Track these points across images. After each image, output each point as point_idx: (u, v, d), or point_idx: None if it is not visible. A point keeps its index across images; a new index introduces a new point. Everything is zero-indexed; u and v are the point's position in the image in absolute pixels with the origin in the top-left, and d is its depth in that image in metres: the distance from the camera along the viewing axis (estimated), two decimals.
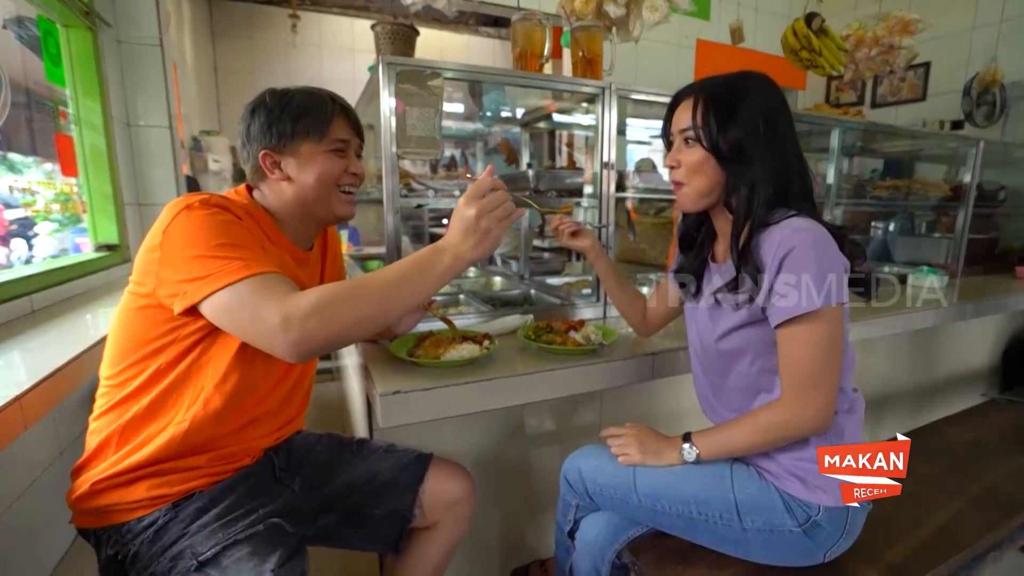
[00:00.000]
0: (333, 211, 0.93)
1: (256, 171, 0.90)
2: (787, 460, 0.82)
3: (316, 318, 0.68)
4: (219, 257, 0.72)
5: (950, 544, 0.94)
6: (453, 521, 1.05)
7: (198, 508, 0.82)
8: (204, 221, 0.75)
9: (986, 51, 3.02)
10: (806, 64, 1.83)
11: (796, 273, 0.75)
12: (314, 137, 0.88)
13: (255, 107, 0.89)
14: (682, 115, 0.87)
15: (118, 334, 0.83)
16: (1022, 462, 1.24)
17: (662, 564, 0.89)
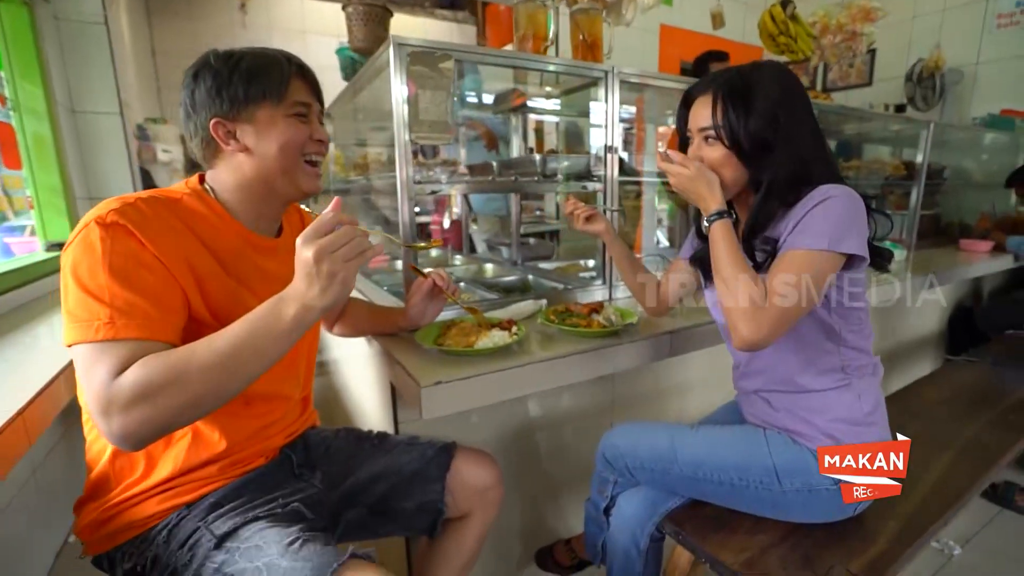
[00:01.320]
0: (299, 185, 0.82)
1: (207, 146, 0.79)
2: (821, 421, 0.88)
3: (140, 408, 0.60)
4: (90, 302, 0.63)
5: (948, 493, 1.03)
6: (483, 509, 1.05)
7: (212, 503, 0.79)
8: (93, 248, 0.65)
9: (926, 39, 3.24)
10: (782, 49, 1.91)
11: (822, 215, 0.79)
12: (271, 100, 0.77)
13: (198, 71, 0.77)
14: (700, 112, 0.88)
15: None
16: (992, 415, 1.38)
17: (703, 531, 0.93)
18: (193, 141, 0.80)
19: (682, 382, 1.57)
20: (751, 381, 0.99)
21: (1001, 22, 3.10)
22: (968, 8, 3.16)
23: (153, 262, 0.68)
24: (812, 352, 0.90)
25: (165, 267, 0.69)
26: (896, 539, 0.90)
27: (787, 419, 0.92)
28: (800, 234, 0.80)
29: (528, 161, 1.38)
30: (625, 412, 1.49)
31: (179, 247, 0.72)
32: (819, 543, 0.89)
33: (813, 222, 0.79)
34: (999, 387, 1.57)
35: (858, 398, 0.88)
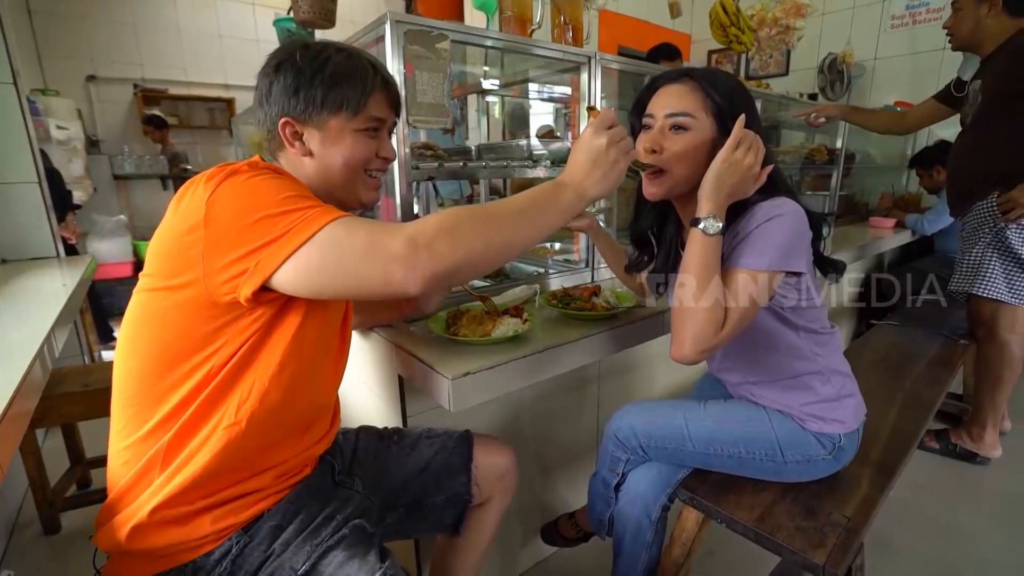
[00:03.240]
0: (358, 197, 0.81)
1: (272, 138, 0.77)
2: (803, 408, 0.96)
3: (445, 239, 0.60)
4: (292, 210, 0.61)
5: (903, 440, 1.19)
6: (502, 493, 1.07)
7: (273, 527, 0.75)
8: (260, 183, 0.64)
9: (834, 35, 3.57)
10: (731, 39, 2.02)
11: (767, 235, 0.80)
12: (347, 112, 0.74)
13: (281, 63, 0.74)
14: (672, 99, 0.85)
15: (145, 344, 0.69)
16: (919, 370, 1.59)
17: (715, 495, 1.01)
18: (261, 129, 0.78)
19: (657, 355, 1.66)
20: (729, 375, 1.06)
21: (894, 22, 3.48)
22: (870, 8, 3.51)
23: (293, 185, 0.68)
24: (782, 344, 0.95)
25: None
26: (874, 484, 1.03)
27: (770, 405, 1.00)
28: (746, 253, 0.80)
29: (516, 147, 1.37)
30: (612, 388, 1.55)
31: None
32: (815, 496, 1.00)
33: (759, 241, 0.80)
34: (918, 346, 1.82)
35: (828, 380, 0.96)
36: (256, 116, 0.78)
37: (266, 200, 0.62)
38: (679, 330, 0.81)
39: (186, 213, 0.64)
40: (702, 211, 0.80)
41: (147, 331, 0.69)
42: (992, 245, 1.73)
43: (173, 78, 4.41)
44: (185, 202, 0.65)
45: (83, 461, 1.79)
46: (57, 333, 1.24)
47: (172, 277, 0.65)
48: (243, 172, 0.65)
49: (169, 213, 0.68)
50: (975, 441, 1.91)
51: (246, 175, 0.65)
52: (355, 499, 0.86)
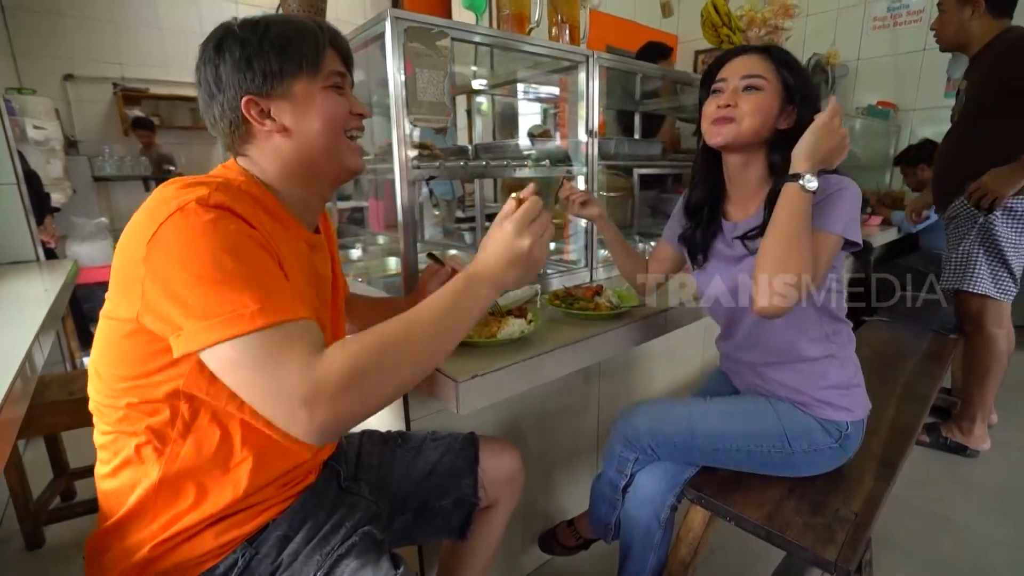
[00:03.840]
0: (344, 163, 0.75)
1: (236, 129, 0.69)
2: (814, 389, 0.97)
3: (350, 393, 0.55)
4: (227, 289, 0.54)
5: (903, 433, 1.20)
6: (509, 496, 1.05)
7: (280, 537, 0.72)
8: (205, 231, 0.56)
9: (819, 36, 3.62)
10: (722, 39, 2.03)
11: (839, 203, 0.87)
12: (308, 72, 0.69)
13: (221, 42, 0.67)
14: (745, 64, 0.92)
15: (109, 366, 0.64)
16: (913, 364, 1.62)
17: (723, 494, 1.00)
18: (218, 126, 0.70)
19: (656, 354, 1.66)
20: (746, 353, 1.06)
21: (876, 24, 3.55)
22: (852, 10, 3.58)
23: (260, 246, 0.60)
24: (802, 322, 0.98)
25: (271, 248, 0.62)
26: (878, 478, 1.03)
27: (779, 391, 1.01)
28: (826, 216, 0.87)
29: (514, 146, 1.35)
30: (611, 388, 1.55)
31: (273, 240, 0.63)
32: (821, 491, 1.00)
33: (832, 208, 0.87)
34: (909, 341, 1.84)
35: (842, 365, 0.99)
36: (209, 115, 0.70)
37: (207, 263, 0.55)
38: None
39: (133, 241, 0.58)
40: (800, 167, 0.84)
41: (110, 355, 0.64)
42: (977, 240, 1.77)
43: (154, 77, 4.31)
44: (133, 227, 0.59)
45: (67, 472, 1.73)
46: (42, 340, 1.20)
47: (117, 305, 0.61)
48: (190, 212, 0.56)
49: (126, 232, 0.62)
50: (965, 434, 1.95)
51: (193, 217, 0.56)
52: (362, 505, 0.84)
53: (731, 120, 0.92)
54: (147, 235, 0.56)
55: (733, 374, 1.16)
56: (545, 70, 1.67)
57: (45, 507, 1.58)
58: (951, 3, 1.76)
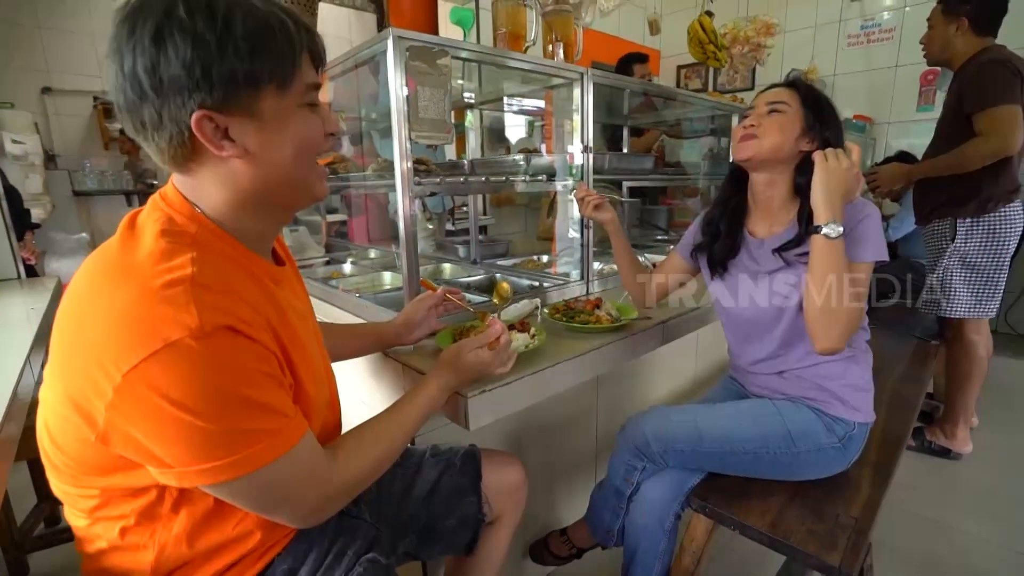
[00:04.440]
0: (312, 193, 0.65)
1: (179, 146, 0.54)
2: (835, 386, 1.01)
3: (351, 493, 0.67)
4: (232, 431, 0.51)
5: (895, 439, 1.24)
6: (513, 510, 1.05)
7: (285, 571, 0.70)
8: (204, 368, 0.49)
9: (797, 51, 3.74)
10: (708, 56, 2.09)
11: (869, 231, 0.94)
12: (279, 85, 0.55)
13: (158, 31, 0.50)
14: (774, 95, 1.01)
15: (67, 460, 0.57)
16: (899, 371, 1.66)
17: (728, 500, 1.02)
18: (148, 135, 0.54)
19: (655, 363, 1.68)
20: (772, 360, 1.08)
21: (850, 41, 3.69)
22: (828, 28, 3.72)
23: (262, 350, 0.55)
24: None
25: (265, 346, 0.56)
26: (874, 484, 1.06)
27: (796, 387, 1.04)
28: (858, 247, 0.93)
29: (511, 162, 1.37)
30: (610, 398, 1.56)
31: (259, 314, 0.57)
32: (821, 498, 1.02)
33: (866, 236, 0.94)
34: (893, 349, 1.89)
35: (860, 367, 1.04)
36: (133, 119, 0.54)
37: (207, 402, 0.49)
38: (824, 328, 0.90)
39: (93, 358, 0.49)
40: (820, 219, 0.89)
41: (66, 448, 0.56)
42: (953, 261, 1.84)
43: None
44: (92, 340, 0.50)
45: (51, 497, 1.68)
46: (33, 360, 1.17)
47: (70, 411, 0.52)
48: (184, 346, 0.48)
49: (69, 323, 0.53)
50: (949, 438, 2.00)
51: (189, 352, 0.48)
52: (362, 529, 0.81)
53: (754, 137, 1.00)
54: (122, 364, 0.47)
55: (747, 381, 1.17)
56: (536, 86, 1.70)
57: (29, 534, 1.53)
58: (938, 19, 1.84)
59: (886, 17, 3.52)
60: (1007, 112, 1.63)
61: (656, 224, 2.88)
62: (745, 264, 1.08)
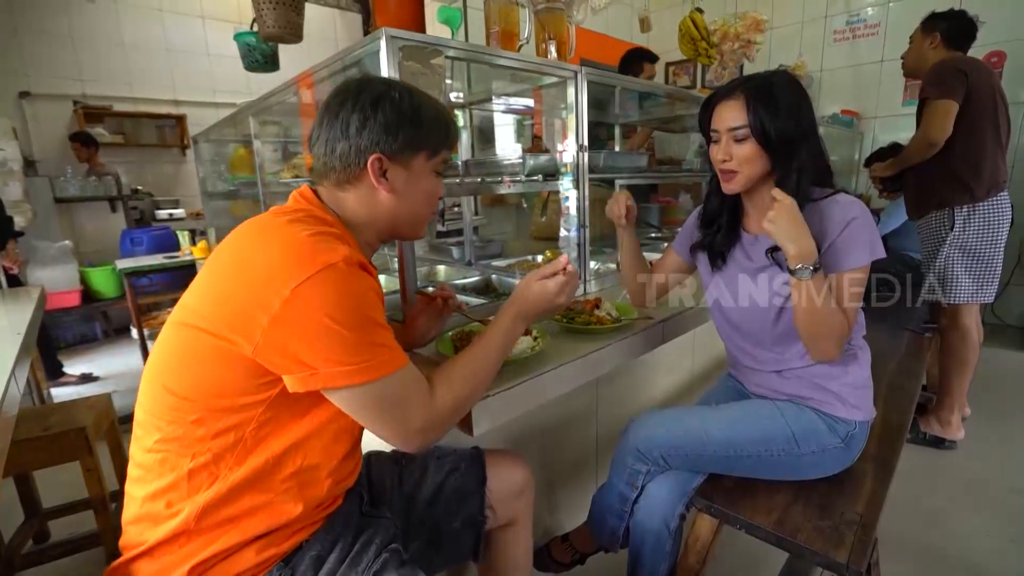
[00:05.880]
0: (418, 232, 0.87)
1: (348, 169, 0.75)
2: (835, 386, 1.00)
3: (452, 418, 0.74)
4: (365, 341, 0.65)
5: (895, 432, 1.24)
6: (525, 511, 1.04)
7: (314, 557, 0.74)
8: (352, 289, 0.65)
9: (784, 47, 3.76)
10: (699, 52, 2.09)
11: (859, 235, 0.92)
12: (429, 154, 0.79)
13: (378, 99, 0.74)
14: (728, 113, 0.95)
15: (185, 384, 0.67)
16: (894, 365, 1.68)
17: (732, 499, 1.02)
18: (327, 159, 0.76)
19: (655, 363, 1.67)
20: (771, 364, 1.08)
21: (836, 37, 3.72)
22: (815, 23, 3.75)
23: (381, 291, 0.73)
24: None
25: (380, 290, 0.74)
26: (877, 478, 1.06)
27: (796, 386, 1.03)
28: (846, 255, 0.93)
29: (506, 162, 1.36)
30: (608, 400, 1.55)
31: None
32: (825, 495, 1.02)
33: (857, 240, 0.92)
34: (888, 342, 1.91)
35: (860, 365, 1.03)
36: (326, 146, 0.76)
37: (351, 315, 0.64)
38: (814, 345, 0.95)
39: (262, 281, 0.63)
40: (792, 264, 0.90)
41: (188, 369, 0.67)
42: (954, 250, 1.89)
43: (117, 94, 4.16)
44: (264, 266, 0.64)
45: (40, 513, 1.64)
46: (18, 373, 1.14)
47: (224, 329, 0.64)
48: (340, 271, 0.64)
49: (234, 261, 0.69)
50: (943, 426, 2.03)
51: (342, 273, 0.64)
52: (384, 524, 0.85)
53: (735, 172, 0.98)
54: (292, 280, 0.62)
55: (747, 379, 1.16)
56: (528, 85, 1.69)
57: (17, 552, 1.49)
58: (917, 36, 2.00)
59: (871, 12, 3.56)
60: (939, 106, 1.79)
61: (648, 221, 2.89)
62: (740, 260, 1.07)
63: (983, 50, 3.11)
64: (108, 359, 3.53)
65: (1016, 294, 3.27)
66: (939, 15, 1.96)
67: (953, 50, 1.92)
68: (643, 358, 1.62)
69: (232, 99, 4.10)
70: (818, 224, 0.94)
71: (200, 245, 2.79)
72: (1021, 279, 3.24)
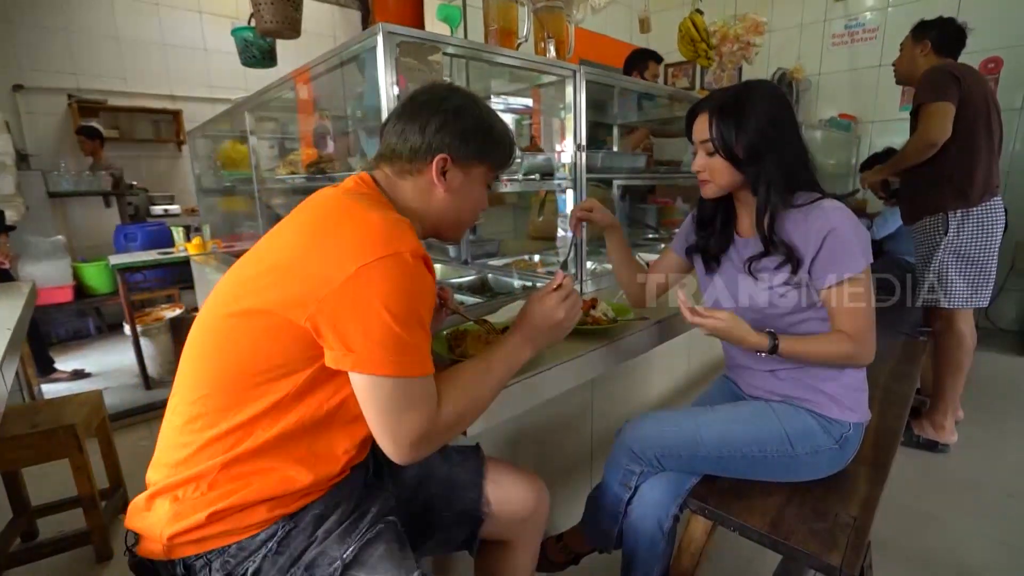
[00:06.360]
0: (457, 235, 0.92)
1: (414, 161, 0.80)
2: (831, 388, 1.00)
3: (446, 435, 0.75)
4: (406, 337, 0.67)
5: (890, 435, 1.24)
6: (531, 537, 1.01)
7: (316, 515, 0.77)
8: (412, 282, 0.68)
9: (782, 51, 3.77)
10: (698, 54, 2.09)
11: (841, 245, 0.91)
12: (489, 167, 0.86)
13: (461, 108, 0.80)
14: (700, 127, 0.99)
15: (231, 358, 0.72)
16: (888, 368, 1.68)
17: (726, 503, 1.01)
18: (396, 147, 0.80)
19: (652, 363, 1.67)
20: (763, 363, 1.07)
21: (835, 40, 3.73)
22: (813, 27, 3.75)
23: (434, 289, 0.75)
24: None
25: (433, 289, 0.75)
26: (871, 481, 1.06)
27: (791, 387, 1.03)
28: (836, 264, 0.92)
29: None
30: (603, 400, 1.55)
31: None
32: (819, 497, 1.02)
33: (841, 251, 0.91)
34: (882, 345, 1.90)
35: (856, 369, 1.03)
36: (398, 137, 0.80)
37: (404, 310, 0.66)
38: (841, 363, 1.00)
39: (332, 256, 0.66)
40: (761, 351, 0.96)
41: (237, 347, 0.71)
42: (947, 252, 1.89)
43: (112, 88, 4.13)
44: (335, 244, 0.67)
45: (28, 510, 1.62)
46: (5, 369, 1.13)
47: (281, 306, 0.67)
48: (404, 261, 0.66)
49: (299, 239, 0.72)
50: (937, 430, 2.03)
51: (408, 265, 0.67)
52: (383, 496, 0.87)
53: (708, 182, 1.02)
54: (359, 259, 0.64)
55: (742, 380, 1.16)
56: (526, 84, 1.68)
57: (5, 550, 1.47)
58: (908, 43, 2.03)
59: (869, 17, 3.57)
60: (936, 108, 1.80)
61: (646, 222, 2.89)
62: (734, 262, 1.07)
63: (980, 56, 3.13)
64: (101, 355, 3.50)
65: (1009, 299, 3.29)
66: (928, 23, 1.98)
67: (944, 57, 1.95)
68: (639, 358, 1.62)
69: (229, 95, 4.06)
70: (800, 232, 0.95)
71: (195, 241, 2.76)
72: (1015, 284, 3.25)
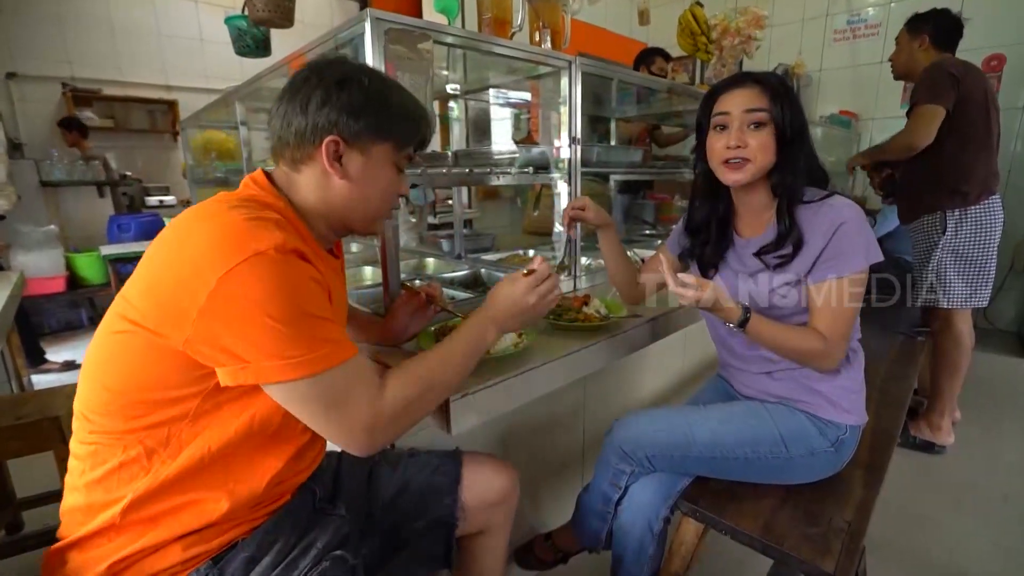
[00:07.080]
0: (372, 228, 0.83)
1: (301, 147, 0.71)
2: (826, 388, 0.98)
3: (400, 420, 0.68)
4: (303, 335, 0.60)
5: (886, 438, 1.22)
6: (503, 521, 0.99)
7: (246, 559, 0.70)
8: (283, 278, 0.60)
9: (783, 46, 3.73)
10: (699, 47, 2.06)
11: (848, 241, 0.88)
12: (395, 145, 0.74)
13: (345, 80, 0.70)
14: (747, 96, 0.91)
15: (120, 379, 0.64)
16: (888, 368, 1.66)
17: (718, 506, 0.99)
18: (281, 133, 0.72)
19: (635, 364, 1.65)
20: (760, 365, 1.05)
21: (836, 37, 3.69)
22: (815, 22, 3.71)
23: (323, 285, 0.67)
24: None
25: (326, 284, 0.68)
26: (866, 484, 1.04)
27: (786, 388, 1.01)
28: (842, 259, 0.89)
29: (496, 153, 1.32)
30: (596, 399, 1.53)
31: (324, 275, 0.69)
32: (814, 500, 1.00)
33: (849, 245, 0.89)
34: (880, 346, 1.89)
35: (854, 370, 1.01)
36: (282, 121, 0.71)
37: (284, 306, 0.59)
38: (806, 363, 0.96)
39: (192, 270, 0.59)
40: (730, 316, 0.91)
41: (122, 363, 0.65)
42: (945, 251, 1.87)
43: (107, 77, 4.09)
44: (191, 255, 0.60)
45: (13, 503, 1.60)
46: None
47: (154, 323, 0.62)
48: (269, 259, 0.59)
49: (166, 250, 0.64)
50: (933, 431, 2.01)
51: (272, 261, 0.59)
52: (334, 524, 0.80)
53: (748, 161, 0.92)
54: (218, 269, 0.57)
55: (736, 381, 1.14)
56: (522, 75, 1.65)
57: None
58: (904, 37, 1.99)
59: (871, 13, 3.53)
60: (926, 111, 1.78)
61: (643, 218, 2.86)
62: (733, 266, 1.05)
63: (983, 53, 3.09)
64: None
65: (1008, 299, 3.27)
66: (923, 16, 1.94)
67: (943, 51, 1.90)
68: (632, 356, 1.59)
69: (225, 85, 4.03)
70: (809, 227, 0.92)
71: None
72: (1013, 284, 3.23)
